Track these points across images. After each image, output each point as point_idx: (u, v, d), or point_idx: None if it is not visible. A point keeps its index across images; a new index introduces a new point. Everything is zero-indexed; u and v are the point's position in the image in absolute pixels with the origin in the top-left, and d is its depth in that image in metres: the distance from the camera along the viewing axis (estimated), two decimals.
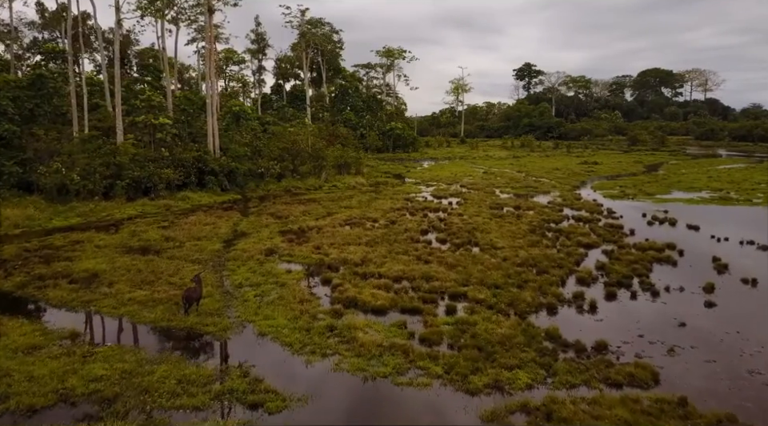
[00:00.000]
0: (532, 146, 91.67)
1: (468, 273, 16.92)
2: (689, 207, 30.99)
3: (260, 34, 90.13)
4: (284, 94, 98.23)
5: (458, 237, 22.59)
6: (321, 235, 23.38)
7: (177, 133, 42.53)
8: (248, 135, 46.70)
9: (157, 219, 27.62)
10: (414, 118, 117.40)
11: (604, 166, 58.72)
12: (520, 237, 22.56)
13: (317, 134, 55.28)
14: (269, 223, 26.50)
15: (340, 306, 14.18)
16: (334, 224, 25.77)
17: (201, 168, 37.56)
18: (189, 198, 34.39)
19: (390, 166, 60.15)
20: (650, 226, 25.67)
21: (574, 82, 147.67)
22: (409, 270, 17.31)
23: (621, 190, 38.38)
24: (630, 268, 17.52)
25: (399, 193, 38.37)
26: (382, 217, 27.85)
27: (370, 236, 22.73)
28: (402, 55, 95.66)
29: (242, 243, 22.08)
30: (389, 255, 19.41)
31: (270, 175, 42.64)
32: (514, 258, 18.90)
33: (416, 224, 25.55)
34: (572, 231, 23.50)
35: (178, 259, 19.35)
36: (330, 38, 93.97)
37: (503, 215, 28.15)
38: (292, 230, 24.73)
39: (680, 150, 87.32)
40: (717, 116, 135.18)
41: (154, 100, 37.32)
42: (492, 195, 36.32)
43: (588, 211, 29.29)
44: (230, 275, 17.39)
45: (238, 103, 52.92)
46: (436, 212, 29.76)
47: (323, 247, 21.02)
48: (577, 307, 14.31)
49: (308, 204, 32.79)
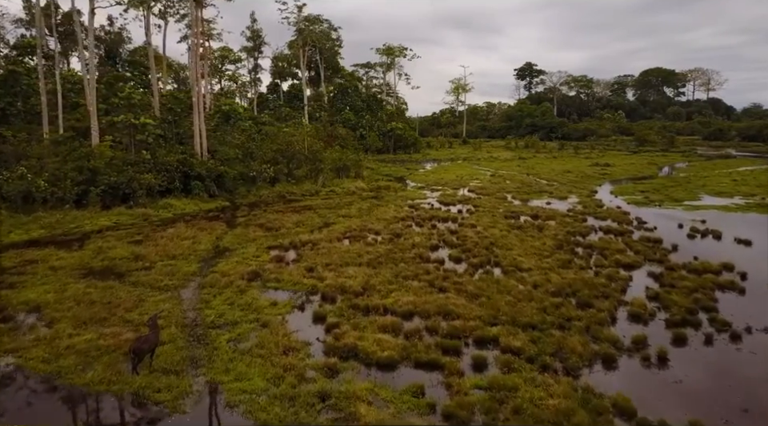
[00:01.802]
0: (537, 147, 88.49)
1: (494, 307, 13.72)
2: (726, 216, 27.81)
3: (256, 31, 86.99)
4: (281, 93, 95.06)
5: (474, 255, 19.41)
6: (315, 252, 20.18)
7: (162, 134, 39.38)
8: (240, 136, 43.51)
9: (130, 232, 24.38)
10: (416, 119, 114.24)
11: (617, 168, 55.56)
12: (547, 255, 19.37)
13: (314, 134, 52.10)
14: (257, 237, 23.29)
15: (336, 358, 10.99)
16: (330, 238, 22.57)
17: (186, 172, 34.37)
18: (171, 206, 31.20)
19: (392, 168, 56.99)
20: (692, 239, 22.49)
21: (576, 82, 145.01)
22: (421, 302, 14.11)
23: (644, 195, 35.19)
24: (690, 299, 14.33)
25: (402, 199, 35.18)
26: (385, 229, 24.66)
27: (371, 254, 19.53)
28: (403, 53, 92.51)
29: (223, 263, 18.87)
30: (395, 281, 16.22)
31: (262, 180, 39.46)
32: (546, 284, 15.71)
33: (424, 238, 22.37)
34: (605, 247, 20.30)
35: (143, 286, 16.14)
36: (329, 35, 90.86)
37: (522, 225, 24.95)
38: (282, 245, 21.52)
39: (690, 150, 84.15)
40: (720, 116, 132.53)
41: (134, 98, 34.07)
42: (504, 202, 33.14)
43: (616, 221, 26.14)
44: (202, 310, 14.18)
45: (228, 102, 49.70)
46: (445, 222, 26.59)
47: (317, 268, 17.82)
48: (642, 358, 11.10)
49: (303, 213, 29.60)
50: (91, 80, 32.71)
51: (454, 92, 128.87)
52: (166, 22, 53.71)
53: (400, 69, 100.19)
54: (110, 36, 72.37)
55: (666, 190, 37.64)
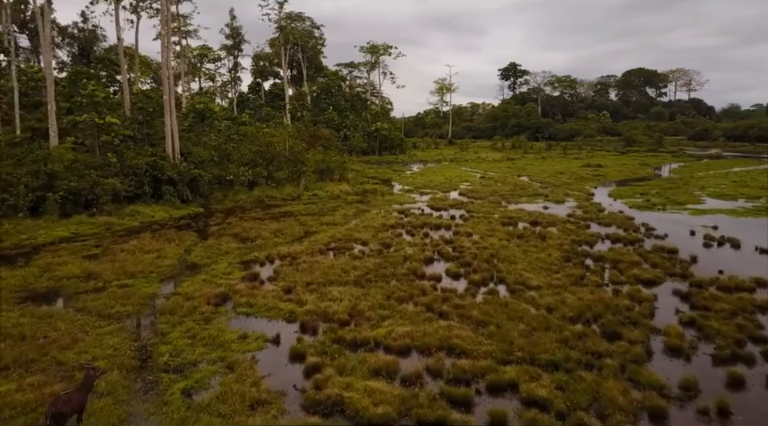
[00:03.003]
0: (525, 147, 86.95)
1: (506, 338, 11.53)
2: (736, 221, 26.03)
3: (235, 29, 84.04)
4: (263, 93, 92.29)
5: (475, 270, 17.23)
6: (295, 267, 17.83)
7: (131, 135, 36.70)
8: (216, 137, 40.90)
9: (88, 245, 21.78)
10: (401, 119, 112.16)
11: (609, 169, 53.97)
12: (555, 269, 17.26)
13: (296, 135, 49.64)
14: (230, 249, 20.86)
15: (316, 418, 8.69)
16: (312, 250, 20.23)
17: (156, 176, 31.74)
18: (139, 213, 28.61)
19: (378, 170, 54.76)
20: (708, 249, 20.56)
21: (560, 82, 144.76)
22: (419, 333, 11.87)
23: (645, 198, 33.38)
24: (732, 326, 12.28)
25: (390, 203, 32.96)
26: (373, 238, 22.40)
27: (359, 270, 17.25)
28: (388, 51, 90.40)
29: (189, 282, 16.43)
30: (387, 304, 13.95)
31: (240, 183, 36.97)
32: (561, 307, 13.57)
33: (417, 249, 20.14)
34: (618, 260, 18.26)
35: (90, 314, 13.67)
36: (311, 33, 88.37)
37: (522, 233, 22.85)
38: (258, 259, 19.15)
39: (679, 151, 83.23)
40: (702, 116, 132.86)
41: (98, 95, 31.29)
42: (499, 206, 31.07)
43: (621, 228, 24.20)
44: (156, 345, 11.77)
45: (203, 100, 47.00)
46: (438, 230, 24.42)
47: (297, 288, 15.50)
48: (698, 411, 8.96)
49: (282, 220, 27.20)
50: (49, 76, 29.91)
51: (438, 92, 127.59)
52: (138, 17, 50.84)
53: (385, 68, 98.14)
54: (84, 33, 69.15)
55: (666, 192, 35.91)
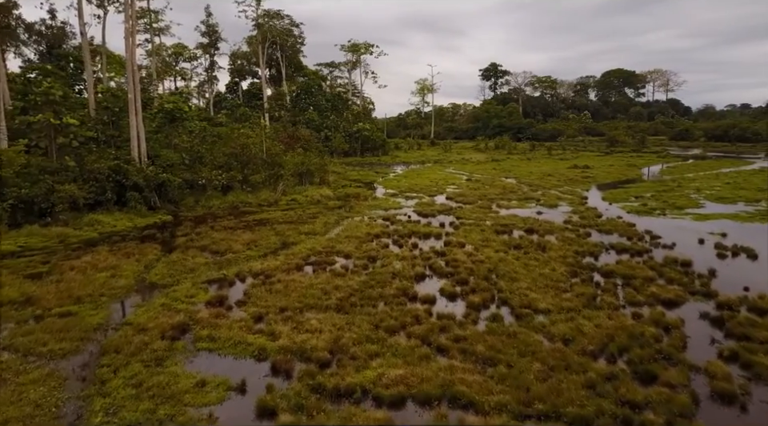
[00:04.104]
0: (509, 148, 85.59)
1: (521, 382, 9.53)
2: (743, 227, 24.50)
3: (211, 26, 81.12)
4: (240, 92, 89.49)
5: (473, 289, 15.24)
6: (268, 288, 15.62)
7: (95, 136, 34.08)
8: (188, 139, 38.35)
9: (34, 261, 19.25)
10: (383, 120, 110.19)
11: (597, 170, 52.58)
12: (563, 287, 15.35)
13: (274, 136, 47.36)
14: (196, 265, 18.55)
15: None
16: (289, 266, 18.03)
17: (120, 182, 29.21)
18: (99, 222, 26.10)
19: (360, 172, 52.60)
20: (723, 260, 18.86)
21: (540, 83, 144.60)
22: (416, 379, 9.79)
23: (641, 202, 31.81)
24: None
25: (374, 209, 30.88)
26: (357, 250, 20.29)
27: (342, 290, 15.12)
28: (369, 50, 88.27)
29: (144, 308, 14.13)
30: (375, 336, 11.86)
31: (213, 188, 34.56)
32: (579, 337, 11.63)
33: (407, 263, 18.09)
34: (630, 274, 16.44)
35: (16, 353, 11.32)
36: (290, 31, 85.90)
37: (520, 244, 20.94)
38: (227, 278, 16.90)
39: (663, 151, 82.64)
40: (681, 116, 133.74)
41: (54, 94, 28.62)
42: (490, 212, 29.19)
43: (624, 236, 22.46)
44: (91, 399, 9.51)
45: (172, 99, 44.33)
46: (428, 239, 22.41)
47: (269, 315, 13.31)
48: None
49: (257, 229, 24.94)
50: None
51: (419, 93, 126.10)
52: (105, 11, 47.94)
53: (366, 67, 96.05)
54: (52, 30, 65.87)
55: (661, 195, 34.42)
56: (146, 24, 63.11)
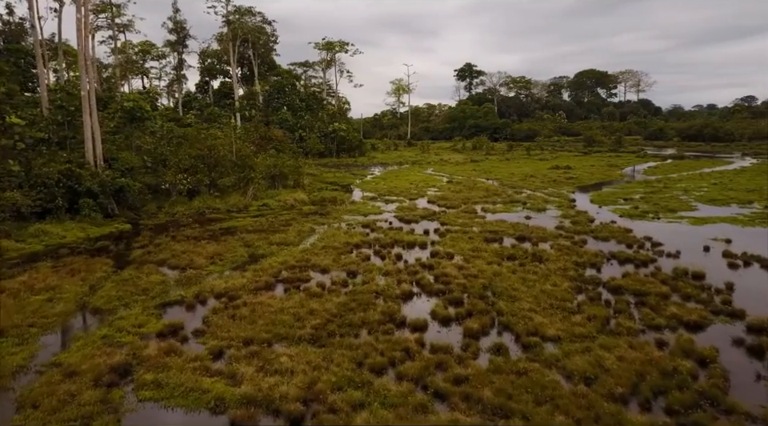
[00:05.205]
0: (487, 148, 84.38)
1: None
2: (744, 232, 23.09)
3: (179, 23, 77.93)
4: (211, 92, 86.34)
5: (469, 311, 13.28)
6: (231, 313, 13.41)
7: (46, 137, 31.25)
8: (150, 140, 35.64)
9: None
10: (359, 120, 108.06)
11: (579, 171, 51.35)
12: (570, 307, 13.49)
13: (245, 137, 44.85)
14: (151, 284, 16.19)
15: None
16: (257, 283, 15.83)
17: (72, 187, 26.55)
18: (46, 233, 23.45)
19: (336, 174, 50.43)
20: (735, 270, 17.29)
21: (515, 83, 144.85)
22: None
23: (632, 205, 30.37)
24: None
25: (353, 214, 28.84)
26: (335, 263, 18.21)
27: (318, 316, 13.01)
28: (344, 48, 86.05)
29: (80, 343, 11.78)
30: (359, 378, 9.77)
31: (178, 193, 32.03)
32: (601, 374, 9.76)
33: (391, 279, 16.08)
34: (641, 290, 14.70)
35: None
36: (262, 29, 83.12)
37: (513, 254, 19.09)
38: (185, 300, 14.62)
39: (640, 150, 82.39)
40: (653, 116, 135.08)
41: None
42: (475, 217, 27.38)
43: (623, 243, 20.84)
44: None
45: (132, 97, 41.51)
46: (412, 249, 20.45)
47: (231, 351, 11.14)
48: None
49: (224, 239, 22.62)
50: None
51: (395, 93, 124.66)
52: (61, 4, 44.91)
53: (341, 66, 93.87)
54: (10, 27, 62.18)
55: (651, 197, 33.12)
56: (107, 19, 59.77)
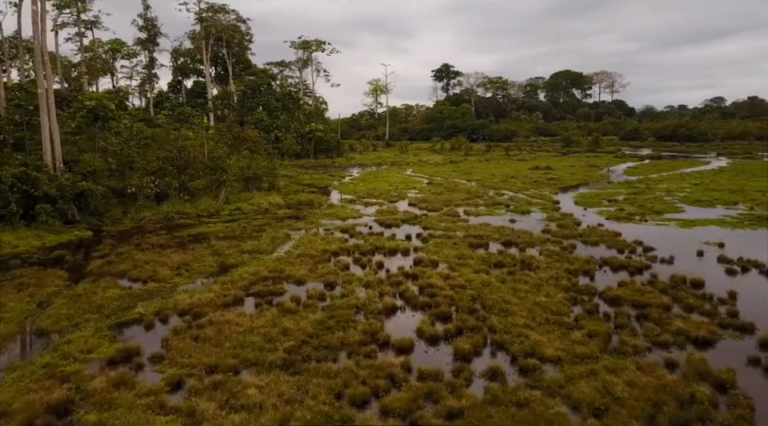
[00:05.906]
0: (465, 148, 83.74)
1: None
2: (735, 235, 22.46)
3: (150, 20, 75.47)
4: (184, 92, 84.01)
5: (458, 328, 12.11)
6: (194, 334, 12.00)
7: (2, 138, 29.31)
8: (117, 141, 33.75)
9: None
10: (337, 121, 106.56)
11: (560, 171, 50.82)
12: (568, 323, 12.40)
13: (217, 137, 43.16)
14: (106, 301, 14.64)
15: None
16: (225, 298, 14.43)
17: (27, 192, 24.70)
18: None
19: (314, 175, 49.01)
20: (734, 277, 16.49)
21: (492, 83, 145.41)
22: None
23: (617, 207, 29.66)
24: None
25: (331, 218, 27.55)
26: (312, 273, 16.91)
27: (291, 336, 11.69)
28: (321, 47, 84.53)
29: (17, 373, 10.24)
30: (338, 414, 8.47)
31: (145, 197, 30.30)
32: (611, 402, 8.68)
33: (373, 291, 14.85)
34: (641, 301, 13.71)
35: None
36: (237, 27, 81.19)
37: (501, 261, 18.02)
38: (143, 319, 13.16)
39: (617, 150, 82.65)
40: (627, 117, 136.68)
41: None
42: (459, 220, 26.31)
43: (613, 248, 19.98)
44: None
45: (95, 95, 39.51)
46: (394, 256, 19.27)
47: (191, 381, 9.76)
48: None
49: (192, 247, 21.09)
50: None
51: (372, 93, 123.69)
52: None
53: (318, 65, 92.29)
54: None
55: (635, 199, 32.51)
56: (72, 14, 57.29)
